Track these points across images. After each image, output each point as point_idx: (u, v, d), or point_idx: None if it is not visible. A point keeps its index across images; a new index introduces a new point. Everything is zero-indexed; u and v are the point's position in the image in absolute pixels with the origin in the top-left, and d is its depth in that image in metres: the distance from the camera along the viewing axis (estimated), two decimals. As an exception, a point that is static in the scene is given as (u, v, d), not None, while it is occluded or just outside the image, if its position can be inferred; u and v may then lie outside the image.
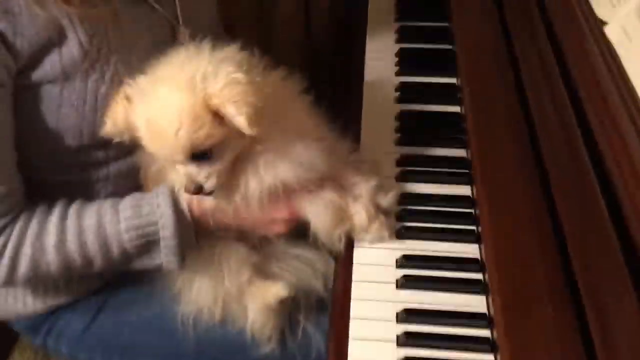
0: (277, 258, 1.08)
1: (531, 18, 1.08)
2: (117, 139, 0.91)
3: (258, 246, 1.07)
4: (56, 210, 0.96)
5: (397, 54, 1.36)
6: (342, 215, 0.97)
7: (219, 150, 0.87)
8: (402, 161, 1.12)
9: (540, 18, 1.05)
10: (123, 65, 0.95)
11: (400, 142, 1.16)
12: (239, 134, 0.85)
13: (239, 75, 0.83)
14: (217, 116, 0.83)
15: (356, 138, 1.15)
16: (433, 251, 0.98)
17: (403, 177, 1.09)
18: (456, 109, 1.21)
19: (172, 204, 0.95)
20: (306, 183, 0.94)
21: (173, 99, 0.83)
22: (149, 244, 0.97)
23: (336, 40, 1.75)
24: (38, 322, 1.13)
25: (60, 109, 0.93)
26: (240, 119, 0.82)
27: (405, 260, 0.97)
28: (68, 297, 1.10)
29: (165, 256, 0.98)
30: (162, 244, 0.97)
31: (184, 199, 0.96)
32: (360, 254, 1.00)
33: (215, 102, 0.82)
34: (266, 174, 0.92)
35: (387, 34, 1.42)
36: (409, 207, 1.05)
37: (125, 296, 1.13)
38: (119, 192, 1.02)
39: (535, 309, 0.70)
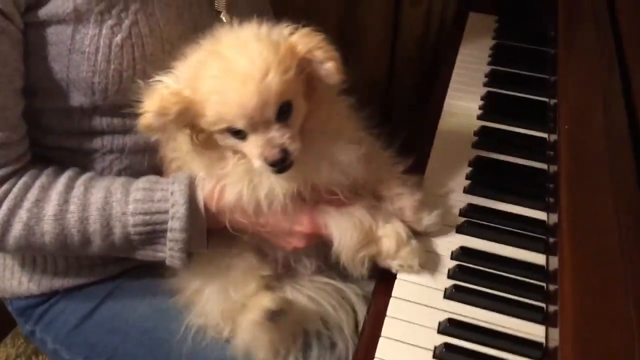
0: (296, 278, 0.94)
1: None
2: (156, 135, 0.80)
3: (276, 262, 0.94)
4: (63, 177, 0.86)
5: (483, 97, 1.21)
6: (370, 237, 0.86)
7: (294, 109, 0.78)
8: (467, 211, 0.96)
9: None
10: (144, 17, 0.85)
11: (469, 191, 1.00)
12: (306, 94, 0.79)
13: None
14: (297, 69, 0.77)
15: (420, 174, 1.01)
16: (486, 322, 0.81)
17: (465, 229, 0.93)
18: (542, 165, 1.04)
19: (187, 193, 0.84)
20: (337, 190, 0.84)
21: (254, 47, 0.75)
22: (154, 233, 0.86)
23: (420, 73, 1.62)
24: (31, 306, 1.02)
25: (70, 55, 0.83)
26: (330, 64, 0.78)
27: (450, 326, 0.80)
28: (65, 282, 0.98)
29: (170, 250, 0.86)
30: (169, 236, 0.85)
31: (207, 191, 0.84)
32: (396, 307, 0.84)
33: (300, 48, 0.77)
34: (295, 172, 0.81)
35: (476, 75, 1.28)
36: (465, 264, 0.88)
37: (128, 298, 0.99)
38: (134, 168, 0.92)
39: None
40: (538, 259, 0.88)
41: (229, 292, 0.88)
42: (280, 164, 0.77)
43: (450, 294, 0.84)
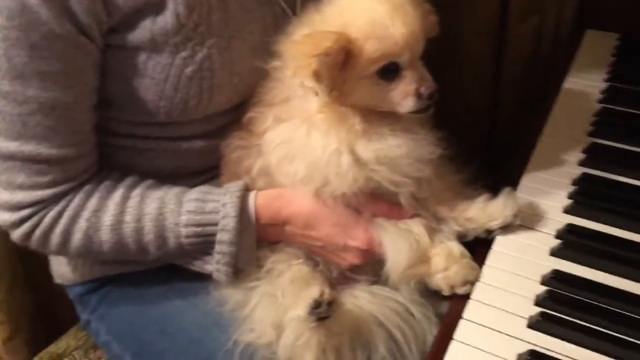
0: (354, 289, 0.85)
1: None
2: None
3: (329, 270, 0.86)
4: (121, 188, 0.86)
5: (596, 114, 1.06)
6: (422, 257, 0.81)
7: None
8: (565, 233, 0.83)
9: None
10: (218, 52, 0.84)
11: (570, 211, 0.86)
12: None
13: None
14: None
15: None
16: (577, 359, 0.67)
17: (561, 252, 0.80)
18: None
19: (239, 206, 0.83)
20: (401, 194, 0.80)
21: None
22: (206, 244, 0.85)
23: (527, 97, 1.47)
24: (87, 292, 0.99)
25: (141, 79, 0.83)
26: (434, 17, 0.82)
27: (533, 359, 0.67)
28: (116, 268, 0.95)
29: (216, 264, 0.84)
30: (216, 248, 0.84)
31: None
32: (467, 330, 0.71)
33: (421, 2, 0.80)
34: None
35: (590, 91, 1.12)
36: (558, 290, 0.75)
37: (181, 299, 0.93)
38: (187, 167, 0.91)
39: None
40: (643, 290, 0.73)
41: (278, 299, 0.80)
42: (433, 98, 0.77)
43: (536, 323, 0.71)
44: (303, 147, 0.78)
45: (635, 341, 0.68)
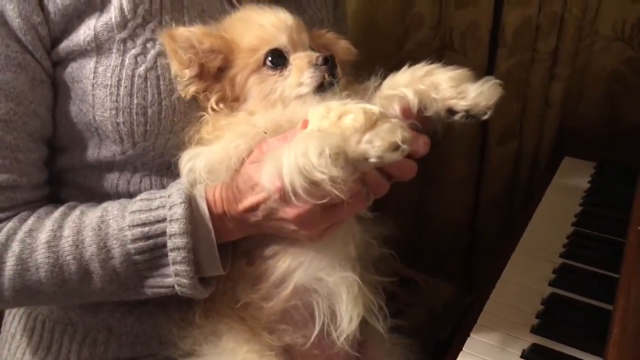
0: None
1: None
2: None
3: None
4: (62, 207, 0.77)
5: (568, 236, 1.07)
6: (316, 131, 0.67)
7: None
8: (531, 353, 0.80)
9: None
10: None
11: (537, 330, 0.85)
12: None
13: None
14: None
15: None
16: None
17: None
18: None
19: (184, 192, 0.73)
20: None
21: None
22: (157, 250, 0.73)
23: (506, 218, 1.49)
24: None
25: (94, 91, 0.76)
26: (343, 41, 0.88)
27: None
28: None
29: (173, 265, 0.72)
30: (169, 244, 0.72)
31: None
32: None
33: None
34: None
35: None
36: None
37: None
38: None
39: None
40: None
41: None
42: (331, 68, 0.75)
43: None
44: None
45: None
